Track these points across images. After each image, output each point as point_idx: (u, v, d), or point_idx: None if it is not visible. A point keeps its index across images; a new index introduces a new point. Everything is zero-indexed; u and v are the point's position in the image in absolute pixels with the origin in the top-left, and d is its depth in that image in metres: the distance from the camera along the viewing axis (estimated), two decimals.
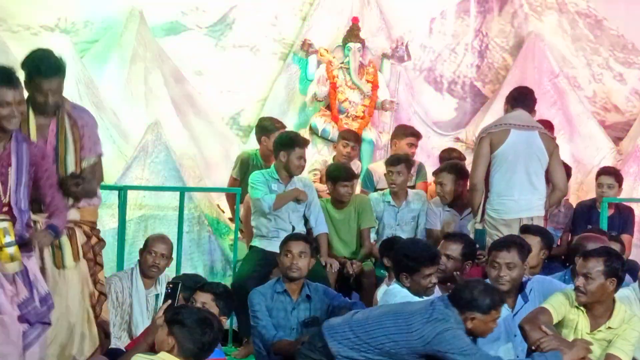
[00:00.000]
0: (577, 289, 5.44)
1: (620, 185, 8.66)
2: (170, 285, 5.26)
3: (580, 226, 8.25)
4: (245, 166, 8.73)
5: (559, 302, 5.50)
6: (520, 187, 7.54)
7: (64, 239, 5.51)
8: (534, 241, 6.64)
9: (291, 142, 7.93)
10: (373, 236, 8.19)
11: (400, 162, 8.21)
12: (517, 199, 7.52)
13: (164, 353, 4.60)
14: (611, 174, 8.65)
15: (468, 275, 6.68)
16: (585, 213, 8.55)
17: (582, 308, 5.51)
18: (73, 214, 5.62)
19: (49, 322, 5.14)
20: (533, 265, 6.57)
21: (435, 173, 8.30)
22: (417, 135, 9.20)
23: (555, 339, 5.32)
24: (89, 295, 5.75)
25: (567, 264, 6.57)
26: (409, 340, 5.19)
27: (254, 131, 10.35)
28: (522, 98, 7.84)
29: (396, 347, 5.21)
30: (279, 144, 7.98)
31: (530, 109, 7.78)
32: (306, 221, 8.04)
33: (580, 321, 5.51)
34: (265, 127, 8.81)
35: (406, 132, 9.25)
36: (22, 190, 5.00)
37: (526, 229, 6.92)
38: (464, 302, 5.22)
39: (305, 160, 8.04)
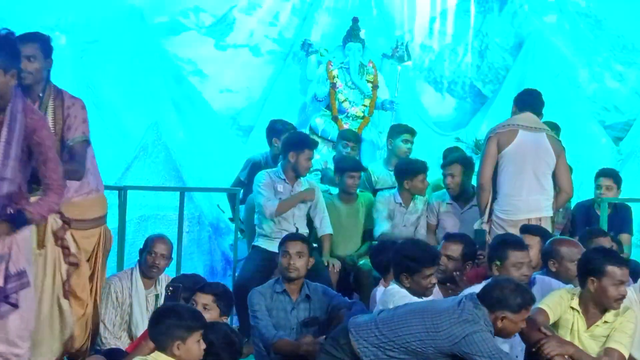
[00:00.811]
0: (623, 298, 5.45)
1: (618, 186, 8.62)
2: (171, 289, 5.25)
3: (579, 227, 8.24)
4: (257, 170, 8.64)
5: (554, 302, 5.51)
6: (528, 188, 7.49)
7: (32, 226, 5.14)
8: (534, 241, 6.59)
9: (301, 143, 7.89)
10: (387, 225, 8.16)
11: (425, 170, 8.26)
12: (526, 200, 7.47)
13: (157, 353, 4.61)
14: (609, 176, 8.60)
15: (468, 276, 6.70)
16: (584, 214, 8.53)
17: (577, 308, 5.52)
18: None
19: (14, 303, 4.83)
20: (533, 265, 6.56)
21: (444, 165, 8.22)
22: (411, 132, 9.19)
23: (555, 339, 5.33)
24: (60, 284, 5.54)
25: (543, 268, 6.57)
26: (436, 339, 5.16)
27: (253, 131, 10.40)
28: (530, 100, 7.80)
29: (422, 346, 5.18)
30: (289, 144, 7.94)
31: (538, 112, 7.76)
32: (310, 221, 8.04)
33: (575, 321, 5.52)
34: (277, 129, 8.77)
35: (400, 130, 9.25)
36: (10, 163, 4.72)
37: (526, 229, 6.89)
38: (495, 300, 5.16)
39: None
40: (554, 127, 8.69)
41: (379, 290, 6.37)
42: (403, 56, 10.69)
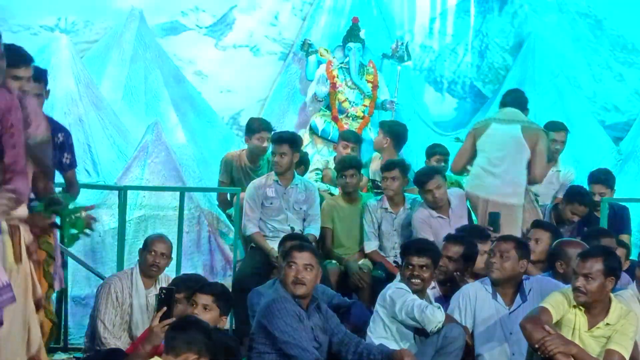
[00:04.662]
0: (577, 289, 5.45)
1: (612, 188, 8.57)
2: (164, 291, 5.19)
3: (578, 227, 8.23)
4: (229, 168, 8.72)
5: (557, 302, 5.52)
6: (489, 173, 7.80)
7: (5, 237, 4.65)
8: (544, 236, 6.86)
9: (248, 129, 8.40)
10: (376, 244, 8.09)
11: (394, 167, 8.10)
12: (483, 180, 7.81)
13: (157, 358, 4.61)
14: (600, 182, 8.53)
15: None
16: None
17: (580, 307, 5.53)
18: (20, 210, 4.74)
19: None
20: (543, 259, 6.73)
21: (424, 182, 7.78)
22: (380, 125, 9.30)
23: (559, 338, 5.34)
24: (31, 304, 4.91)
25: (549, 268, 6.62)
26: None
27: None
28: (510, 98, 8.18)
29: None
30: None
31: (522, 108, 8.03)
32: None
33: (577, 320, 5.52)
34: (250, 127, 8.81)
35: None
36: None
37: (539, 223, 7.15)
38: None
39: (282, 157, 7.92)
40: (562, 128, 8.74)
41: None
42: (403, 56, 10.69)
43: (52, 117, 6.17)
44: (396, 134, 9.03)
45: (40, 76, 5.82)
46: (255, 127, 8.64)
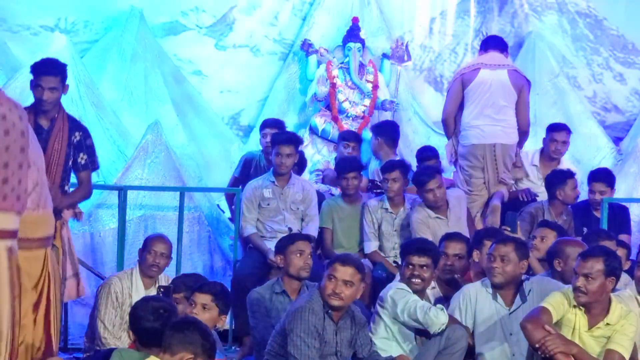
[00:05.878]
0: (577, 289, 5.46)
1: (612, 187, 8.57)
2: (162, 290, 5.22)
3: (577, 228, 8.23)
4: (248, 166, 8.76)
5: (557, 302, 5.52)
6: (485, 118, 8.25)
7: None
8: (551, 235, 7.00)
9: (273, 141, 8.03)
10: (376, 244, 8.08)
11: (395, 168, 8.08)
12: (483, 128, 8.26)
13: (153, 357, 4.62)
14: (601, 180, 8.51)
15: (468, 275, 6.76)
16: (581, 215, 8.50)
17: (580, 307, 5.53)
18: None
19: None
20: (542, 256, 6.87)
21: (424, 182, 7.74)
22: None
23: (559, 338, 5.34)
24: None
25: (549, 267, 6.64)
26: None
27: (254, 131, 10.41)
28: (492, 42, 8.72)
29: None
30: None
31: (502, 50, 8.58)
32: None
33: (577, 320, 5.53)
34: (261, 125, 8.91)
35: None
36: None
37: (545, 223, 7.29)
38: None
39: (288, 157, 7.91)
40: (563, 128, 8.80)
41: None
42: (403, 56, 10.68)
43: (72, 116, 6.26)
44: (384, 132, 9.12)
45: (58, 70, 5.84)
46: (262, 124, 8.86)
